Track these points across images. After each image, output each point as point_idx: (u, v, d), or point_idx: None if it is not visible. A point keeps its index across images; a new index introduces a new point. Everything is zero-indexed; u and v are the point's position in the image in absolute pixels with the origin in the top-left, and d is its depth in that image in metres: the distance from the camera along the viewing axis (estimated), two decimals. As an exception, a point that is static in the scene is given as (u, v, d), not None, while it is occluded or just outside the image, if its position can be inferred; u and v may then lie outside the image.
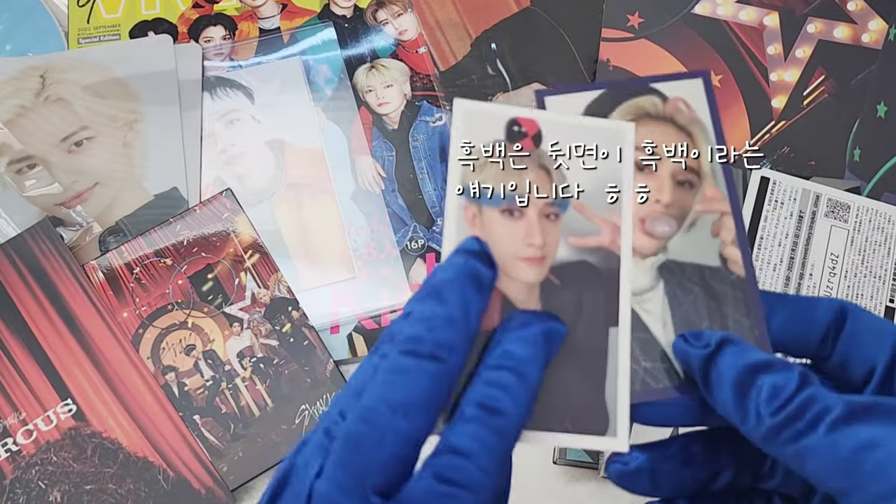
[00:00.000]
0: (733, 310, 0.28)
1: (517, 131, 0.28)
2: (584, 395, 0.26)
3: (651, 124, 0.30)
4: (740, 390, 0.25)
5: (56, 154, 0.61)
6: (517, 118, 0.28)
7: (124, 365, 0.54)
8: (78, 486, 0.52)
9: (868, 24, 0.64)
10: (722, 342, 0.26)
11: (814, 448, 0.23)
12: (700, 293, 0.28)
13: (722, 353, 0.25)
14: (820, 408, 0.23)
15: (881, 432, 0.23)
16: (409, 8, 0.67)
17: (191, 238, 0.57)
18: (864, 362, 0.26)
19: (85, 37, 0.66)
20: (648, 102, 0.30)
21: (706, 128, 0.30)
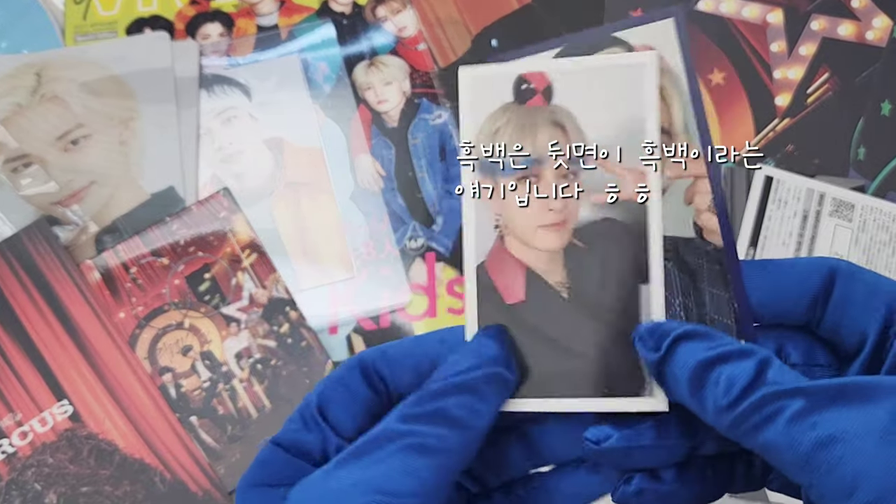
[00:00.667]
0: (709, 284, 0.26)
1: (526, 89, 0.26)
2: (619, 357, 0.26)
3: None
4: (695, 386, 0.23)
5: (52, 152, 0.60)
6: (524, 75, 0.26)
7: (121, 366, 0.54)
8: (74, 488, 0.52)
9: (872, 22, 0.64)
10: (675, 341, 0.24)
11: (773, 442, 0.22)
12: (672, 269, 0.26)
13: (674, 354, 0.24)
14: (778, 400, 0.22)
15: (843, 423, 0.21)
16: (408, 4, 0.67)
17: (188, 237, 0.57)
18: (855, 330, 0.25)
19: (81, 34, 0.65)
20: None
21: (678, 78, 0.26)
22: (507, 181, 0.26)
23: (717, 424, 0.23)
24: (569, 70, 0.26)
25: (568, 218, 0.26)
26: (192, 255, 0.57)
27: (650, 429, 0.26)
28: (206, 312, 0.56)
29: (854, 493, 0.21)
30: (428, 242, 0.60)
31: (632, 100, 0.26)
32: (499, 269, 0.26)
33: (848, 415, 0.21)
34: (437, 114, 0.63)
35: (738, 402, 0.22)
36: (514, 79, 0.26)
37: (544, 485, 0.27)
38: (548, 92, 0.26)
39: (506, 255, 0.26)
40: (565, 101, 0.26)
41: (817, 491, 0.21)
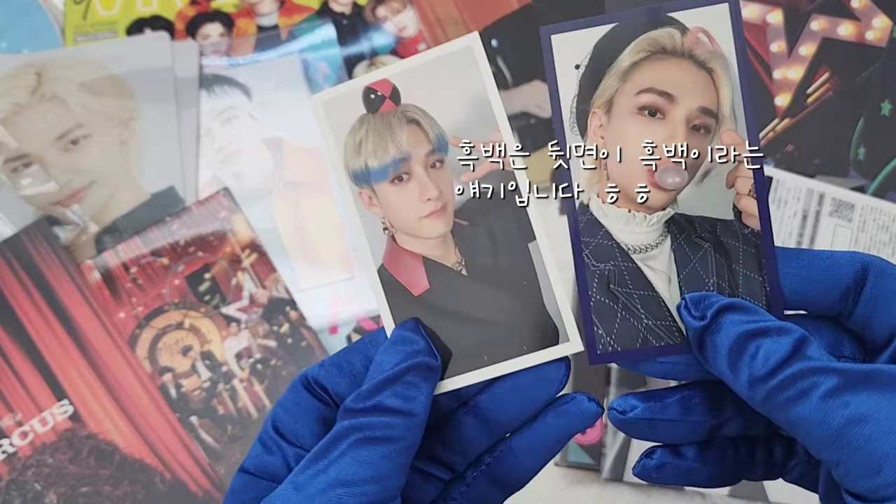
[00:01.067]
0: (744, 266, 0.27)
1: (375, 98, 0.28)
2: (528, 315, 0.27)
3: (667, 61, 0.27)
4: (734, 357, 0.24)
5: (52, 152, 0.60)
6: (370, 85, 0.28)
7: (121, 366, 0.54)
8: (74, 488, 0.52)
9: (872, 22, 0.64)
10: (719, 311, 0.25)
11: (805, 417, 0.23)
12: (710, 249, 0.27)
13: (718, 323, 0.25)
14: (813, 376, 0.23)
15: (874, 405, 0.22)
16: (408, 4, 0.66)
17: (188, 237, 0.57)
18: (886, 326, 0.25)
19: (81, 34, 0.65)
20: (665, 35, 0.27)
21: (729, 63, 0.27)
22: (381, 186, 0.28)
23: (751, 396, 0.24)
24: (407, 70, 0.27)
25: (446, 202, 0.28)
26: (192, 255, 0.57)
27: (676, 403, 0.27)
28: (207, 312, 0.56)
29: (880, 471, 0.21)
30: (428, 242, 0.60)
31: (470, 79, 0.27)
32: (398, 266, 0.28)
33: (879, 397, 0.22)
34: (437, 114, 0.63)
35: (774, 374, 0.23)
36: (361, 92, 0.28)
37: (507, 446, 0.28)
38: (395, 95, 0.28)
39: (401, 251, 0.28)
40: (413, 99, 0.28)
41: (843, 468, 0.22)
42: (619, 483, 0.54)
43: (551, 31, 0.28)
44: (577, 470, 0.54)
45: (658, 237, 0.27)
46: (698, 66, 0.27)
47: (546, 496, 0.54)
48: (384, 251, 0.28)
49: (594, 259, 0.28)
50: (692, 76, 0.27)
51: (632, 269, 0.27)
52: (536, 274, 0.28)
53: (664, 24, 0.27)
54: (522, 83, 0.64)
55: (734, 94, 0.27)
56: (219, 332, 0.55)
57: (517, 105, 0.64)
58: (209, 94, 0.63)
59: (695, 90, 0.27)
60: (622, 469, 0.52)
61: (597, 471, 0.53)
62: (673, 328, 0.27)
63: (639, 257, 0.27)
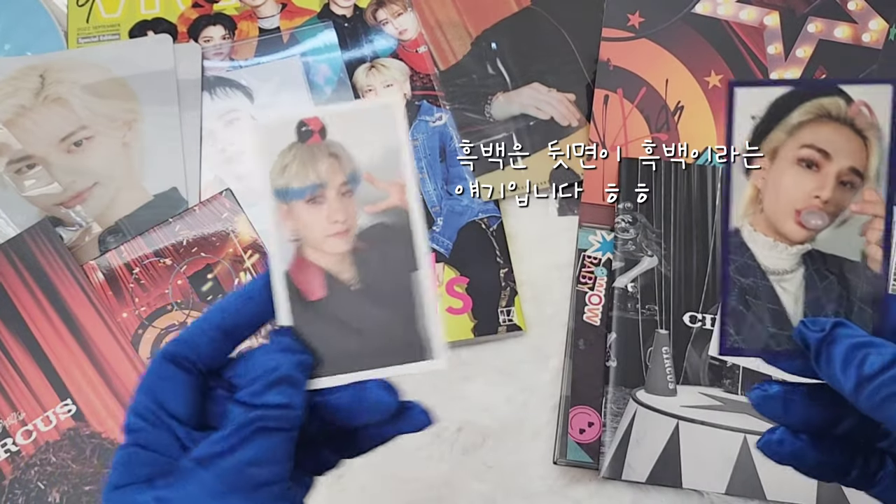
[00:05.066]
0: (860, 300, 0.33)
1: (305, 131, 0.33)
2: (401, 333, 0.32)
3: (830, 124, 0.33)
4: (846, 362, 0.29)
5: (55, 154, 0.61)
6: (303, 119, 0.33)
7: (124, 365, 0.54)
8: (77, 486, 0.52)
9: (868, 24, 0.64)
10: (835, 326, 0.31)
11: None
12: (835, 281, 0.33)
13: (834, 336, 0.31)
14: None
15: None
16: (409, 7, 0.67)
17: (190, 238, 0.57)
18: None
19: (84, 36, 0.66)
20: (832, 103, 0.33)
21: (883, 134, 0.33)
22: (298, 204, 0.33)
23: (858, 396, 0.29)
24: (338, 113, 0.33)
25: (350, 226, 0.33)
26: (194, 256, 0.57)
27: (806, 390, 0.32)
28: (209, 312, 0.56)
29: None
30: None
31: (387, 131, 0.33)
32: (301, 273, 0.33)
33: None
34: (438, 116, 0.63)
35: (880, 374, 0.28)
36: (295, 123, 0.33)
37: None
38: (322, 131, 0.33)
39: (305, 262, 0.33)
40: (337, 137, 0.33)
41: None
42: (617, 482, 0.54)
43: (736, 84, 0.33)
44: (576, 468, 0.54)
45: (794, 265, 0.34)
46: (856, 132, 0.33)
47: (545, 494, 0.54)
48: (291, 259, 0.33)
49: (738, 274, 0.34)
50: (848, 140, 0.33)
51: (767, 287, 0.34)
52: (417, 299, 0.33)
53: (834, 94, 0.33)
54: (521, 85, 0.64)
55: (882, 161, 0.33)
56: (221, 331, 0.56)
57: (516, 107, 0.64)
58: (211, 97, 0.63)
59: (849, 152, 0.33)
60: (620, 468, 0.52)
61: (595, 469, 0.53)
62: (791, 338, 0.33)
63: (775, 278, 0.34)
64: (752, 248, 0.34)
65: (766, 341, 0.33)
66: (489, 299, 0.59)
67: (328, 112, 0.33)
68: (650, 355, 0.55)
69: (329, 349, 0.32)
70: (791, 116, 0.33)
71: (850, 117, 0.33)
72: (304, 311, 0.32)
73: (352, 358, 0.32)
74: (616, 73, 0.64)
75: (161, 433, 0.29)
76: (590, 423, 0.54)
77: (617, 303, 0.56)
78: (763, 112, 0.33)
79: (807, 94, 0.33)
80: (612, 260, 0.58)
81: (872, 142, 0.33)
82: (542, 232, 0.61)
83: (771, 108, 0.33)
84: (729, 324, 0.34)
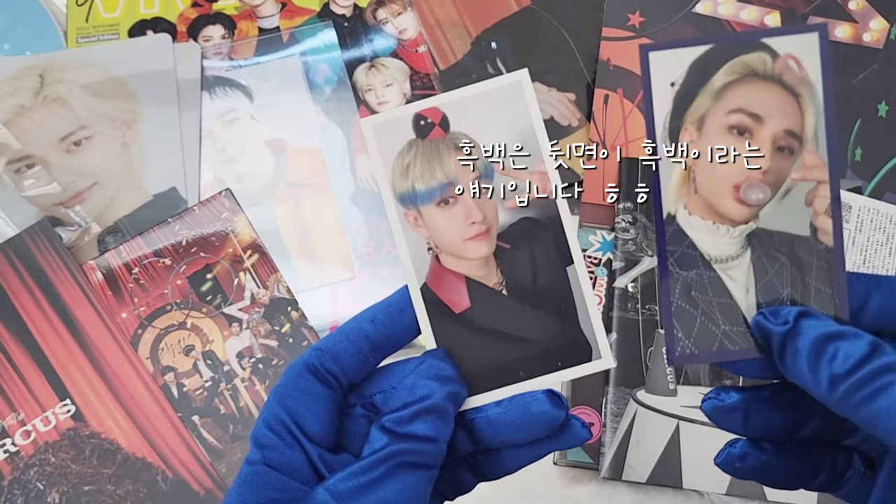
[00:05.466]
0: (817, 280, 0.29)
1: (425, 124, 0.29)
2: (564, 333, 0.29)
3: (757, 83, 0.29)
4: (814, 358, 0.26)
5: (55, 154, 0.61)
6: (420, 112, 0.29)
7: (123, 365, 0.54)
8: (76, 486, 0.52)
9: (869, 24, 0.64)
10: (799, 316, 0.27)
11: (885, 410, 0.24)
12: (786, 262, 0.29)
13: (799, 329, 0.27)
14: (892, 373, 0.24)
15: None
16: (408, 7, 0.67)
17: (190, 238, 0.57)
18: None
19: (84, 36, 0.66)
20: (757, 59, 0.29)
21: (815, 89, 0.28)
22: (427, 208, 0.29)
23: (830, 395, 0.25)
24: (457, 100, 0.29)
25: (490, 226, 0.30)
26: (193, 256, 0.57)
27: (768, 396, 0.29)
28: (208, 312, 0.56)
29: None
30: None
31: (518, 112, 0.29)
32: (441, 285, 0.30)
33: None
34: (438, 115, 0.63)
35: (854, 372, 0.25)
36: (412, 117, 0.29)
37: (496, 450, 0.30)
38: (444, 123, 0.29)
39: (444, 271, 0.30)
40: (462, 127, 0.29)
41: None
42: (617, 482, 0.54)
43: (649, 48, 0.29)
44: (576, 469, 0.54)
45: (739, 249, 0.29)
46: (786, 90, 0.29)
47: (545, 495, 0.54)
48: (428, 270, 0.29)
49: (678, 267, 0.30)
50: (780, 100, 0.29)
51: (712, 278, 0.30)
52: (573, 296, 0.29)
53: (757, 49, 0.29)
54: (522, 85, 0.64)
55: (818, 118, 0.28)
56: (220, 331, 0.55)
57: (517, 107, 0.64)
58: (211, 96, 0.63)
59: (781, 113, 0.29)
60: (621, 468, 0.52)
61: (596, 469, 0.53)
62: (748, 334, 0.29)
63: (720, 267, 0.29)
64: (690, 234, 0.30)
65: (719, 342, 0.29)
66: (489, 299, 0.58)
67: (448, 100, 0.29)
68: (650, 355, 0.55)
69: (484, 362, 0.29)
70: (714, 79, 0.29)
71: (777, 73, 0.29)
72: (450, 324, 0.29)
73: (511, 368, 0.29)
74: (616, 73, 0.64)
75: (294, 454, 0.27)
76: (590, 424, 0.54)
77: (617, 303, 0.56)
78: (683, 77, 0.29)
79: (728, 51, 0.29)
80: (612, 260, 0.58)
81: (805, 98, 0.28)
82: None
83: (690, 72, 0.29)
84: (676, 327, 0.29)
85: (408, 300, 0.29)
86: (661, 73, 0.29)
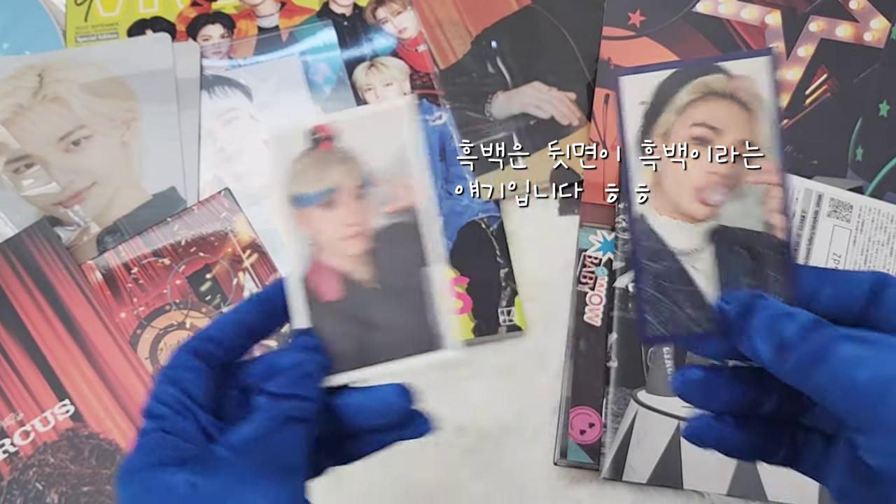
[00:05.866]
0: (772, 269, 0.33)
1: (317, 138, 0.34)
2: (419, 326, 0.34)
3: (717, 100, 0.34)
4: (766, 334, 0.29)
5: (54, 153, 0.61)
6: (314, 126, 0.34)
7: (122, 366, 0.54)
8: (75, 487, 0.52)
9: (870, 23, 0.64)
10: (754, 300, 0.31)
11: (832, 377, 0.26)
12: (744, 254, 0.34)
13: (752, 308, 0.30)
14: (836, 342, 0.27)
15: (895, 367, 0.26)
16: (408, 6, 0.67)
17: (189, 238, 0.57)
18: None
19: (83, 35, 0.66)
20: (715, 80, 0.34)
21: (768, 105, 0.34)
22: (312, 209, 0.34)
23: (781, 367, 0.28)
24: (347, 119, 0.34)
25: (364, 229, 0.34)
26: (193, 256, 0.57)
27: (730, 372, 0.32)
28: (208, 312, 0.56)
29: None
30: (428, 243, 0.60)
31: (397, 134, 0.34)
32: (318, 276, 0.34)
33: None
34: (437, 115, 0.63)
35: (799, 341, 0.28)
36: (307, 130, 0.34)
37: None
38: (334, 137, 0.34)
39: (321, 265, 0.34)
40: (349, 143, 0.34)
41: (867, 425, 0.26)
42: (617, 483, 0.54)
43: (621, 73, 0.35)
44: (577, 469, 0.54)
45: (702, 243, 0.34)
46: (741, 105, 0.34)
47: (545, 495, 0.54)
48: (307, 263, 0.34)
49: (649, 260, 0.34)
50: (735, 114, 0.34)
51: (679, 269, 0.34)
52: (430, 294, 0.34)
53: (716, 71, 0.34)
54: (522, 84, 0.64)
55: (771, 129, 0.34)
56: (220, 332, 0.56)
57: (516, 106, 0.64)
58: (210, 96, 0.63)
59: (737, 126, 0.34)
60: (621, 468, 0.52)
61: (596, 470, 0.53)
62: (711, 318, 0.33)
63: (685, 259, 0.34)
64: (658, 231, 0.35)
65: (686, 325, 0.34)
66: (489, 299, 0.58)
67: (339, 118, 0.34)
68: (651, 356, 0.55)
69: (346, 345, 0.34)
70: (678, 97, 0.34)
71: (732, 91, 0.34)
72: (321, 311, 0.34)
73: (368, 352, 0.34)
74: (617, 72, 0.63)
75: (186, 421, 0.30)
76: (590, 424, 0.54)
77: (618, 303, 0.56)
78: (651, 97, 0.35)
79: (690, 74, 0.34)
80: (612, 260, 0.58)
81: (758, 113, 0.34)
82: (542, 232, 0.60)
83: (658, 92, 0.35)
84: (647, 311, 0.34)
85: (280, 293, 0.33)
86: (631, 94, 0.35)
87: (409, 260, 0.34)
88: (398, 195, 0.35)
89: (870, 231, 0.58)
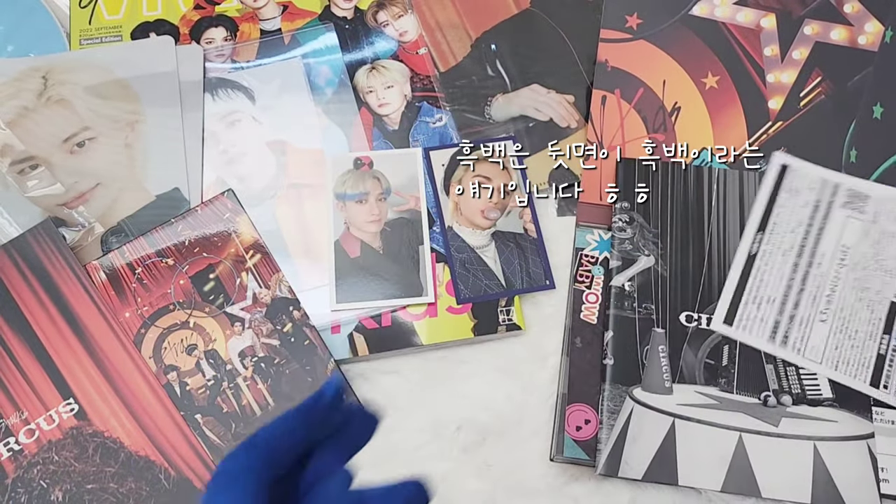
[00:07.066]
0: (531, 255, 0.59)
1: (360, 162, 0.61)
2: (409, 278, 0.57)
3: (487, 162, 0.61)
4: None
5: (58, 155, 0.61)
6: (359, 157, 0.61)
7: (126, 364, 0.54)
8: (79, 485, 0.52)
9: (864, 27, 0.65)
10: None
11: None
12: (514, 247, 0.59)
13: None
14: None
15: None
16: (409, 9, 0.67)
17: (192, 238, 0.57)
18: None
19: (86, 38, 0.66)
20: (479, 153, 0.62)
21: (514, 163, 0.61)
22: (350, 203, 0.60)
23: None
24: (380, 154, 0.61)
25: (382, 218, 0.59)
26: (196, 256, 0.57)
27: None
28: (211, 312, 0.56)
29: None
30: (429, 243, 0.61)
31: (409, 167, 0.61)
32: (347, 243, 0.59)
33: None
34: (438, 117, 0.64)
35: None
36: (353, 159, 0.61)
37: None
38: (371, 163, 0.61)
39: (350, 236, 0.59)
40: (379, 167, 0.61)
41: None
42: (615, 480, 0.54)
43: (429, 149, 0.62)
44: (573, 466, 0.55)
45: (488, 241, 0.59)
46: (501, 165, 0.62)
47: (542, 492, 0.55)
48: (341, 233, 0.59)
49: (457, 252, 0.59)
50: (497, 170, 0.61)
51: (476, 257, 0.59)
52: (420, 261, 0.58)
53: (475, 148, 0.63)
54: (521, 87, 0.65)
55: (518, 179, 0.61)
56: (223, 331, 0.56)
57: (516, 108, 0.64)
58: (213, 98, 0.64)
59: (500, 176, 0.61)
60: (617, 465, 0.53)
61: (592, 467, 0.54)
62: (498, 285, 0.58)
63: (479, 251, 0.59)
64: (461, 235, 0.59)
65: (483, 289, 0.58)
66: (488, 299, 0.59)
67: (375, 154, 0.61)
68: (647, 354, 0.55)
69: (362, 287, 0.57)
70: (464, 161, 0.61)
71: (496, 158, 0.61)
72: (348, 265, 0.58)
73: (377, 293, 0.57)
74: (614, 74, 0.64)
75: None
76: (586, 421, 0.55)
77: (614, 301, 0.56)
78: (447, 161, 0.61)
79: (468, 150, 0.61)
80: (609, 259, 0.58)
81: (510, 168, 0.61)
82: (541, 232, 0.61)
83: (451, 159, 0.61)
84: (459, 283, 0.58)
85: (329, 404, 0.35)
86: (436, 160, 0.61)
87: (409, 238, 0.58)
88: (406, 202, 0.59)
89: (884, 223, 0.58)
